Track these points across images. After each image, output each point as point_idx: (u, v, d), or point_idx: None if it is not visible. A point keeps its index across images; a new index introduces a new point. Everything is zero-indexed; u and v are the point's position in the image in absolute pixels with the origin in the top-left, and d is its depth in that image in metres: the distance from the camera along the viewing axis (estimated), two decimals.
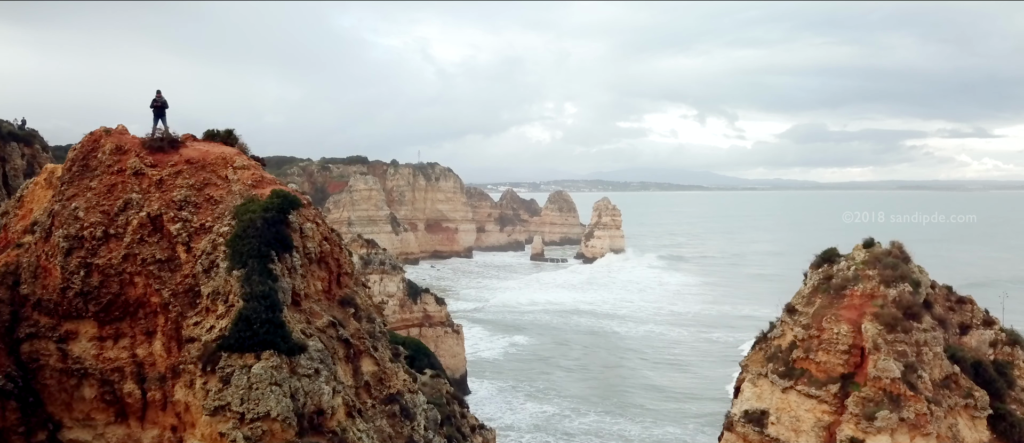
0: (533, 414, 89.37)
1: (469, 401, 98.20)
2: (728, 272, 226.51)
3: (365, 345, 25.59)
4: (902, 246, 35.95)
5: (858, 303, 33.43)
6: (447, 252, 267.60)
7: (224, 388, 20.74)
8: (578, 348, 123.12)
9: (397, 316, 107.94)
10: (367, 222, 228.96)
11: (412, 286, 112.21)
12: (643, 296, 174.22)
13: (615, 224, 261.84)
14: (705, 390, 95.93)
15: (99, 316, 24.24)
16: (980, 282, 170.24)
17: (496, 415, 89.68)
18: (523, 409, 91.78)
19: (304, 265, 24.44)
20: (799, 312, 35.47)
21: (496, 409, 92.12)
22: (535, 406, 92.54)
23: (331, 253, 26.09)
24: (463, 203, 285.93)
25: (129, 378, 24.01)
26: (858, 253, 36.38)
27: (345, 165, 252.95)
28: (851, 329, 32.63)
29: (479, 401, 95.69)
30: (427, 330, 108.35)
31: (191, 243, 24.20)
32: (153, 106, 28.26)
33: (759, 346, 37.38)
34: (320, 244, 25.43)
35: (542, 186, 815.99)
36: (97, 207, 25.05)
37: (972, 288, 44.84)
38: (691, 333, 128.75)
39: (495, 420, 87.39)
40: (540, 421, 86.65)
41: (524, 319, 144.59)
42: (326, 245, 25.80)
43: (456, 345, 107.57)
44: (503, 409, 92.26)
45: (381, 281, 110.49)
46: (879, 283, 33.72)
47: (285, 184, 27.55)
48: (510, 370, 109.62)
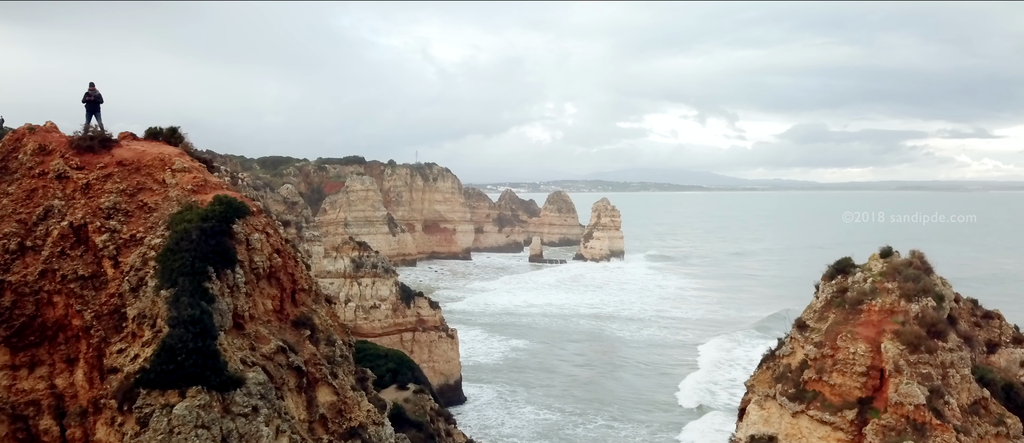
0: (535, 421, 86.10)
1: (465, 409, 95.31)
2: (729, 274, 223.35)
3: (322, 372, 22.44)
4: (923, 255, 32.73)
5: (876, 319, 30.23)
6: (445, 253, 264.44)
7: (141, 432, 17.58)
8: (580, 351, 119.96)
9: (390, 321, 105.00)
10: (364, 223, 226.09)
11: (405, 290, 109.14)
12: (644, 298, 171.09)
13: (614, 225, 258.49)
14: (710, 398, 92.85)
15: (11, 341, 21.08)
16: (984, 279, 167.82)
17: (495, 422, 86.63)
18: (524, 416, 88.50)
19: (249, 282, 21.25)
20: (810, 328, 32.25)
21: (496, 416, 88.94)
22: (537, 412, 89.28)
23: (284, 267, 22.90)
24: (461, 204, 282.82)
25: (46, 413, 20.84)
26: (875, 263, 33.16)
27: (342, 165, 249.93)
28: (869, 348, 29.43)
29: (478, 407, 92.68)
30: (421, 335, 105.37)
31: (119, 257, 21.03)
32: (85, 101, 25.11)
33: (766, 364, 34.19)
34: (270, 257, 22.22)
35: (542, 186, 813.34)
36: (13, 215, 21.91)
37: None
38: (694, 337, 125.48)
39: (494, 428, 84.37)
40: (543, 429, 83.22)
41: (523, 322, 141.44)
42: (278, 258, 22.58)
43: (450, 350, 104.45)
44: (503, 416, 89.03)
45: (373, 285, 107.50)
46: (899, 297, 30.52)
47: (236, 189, 24.34)
48: (509, 374, 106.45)
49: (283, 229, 24.20)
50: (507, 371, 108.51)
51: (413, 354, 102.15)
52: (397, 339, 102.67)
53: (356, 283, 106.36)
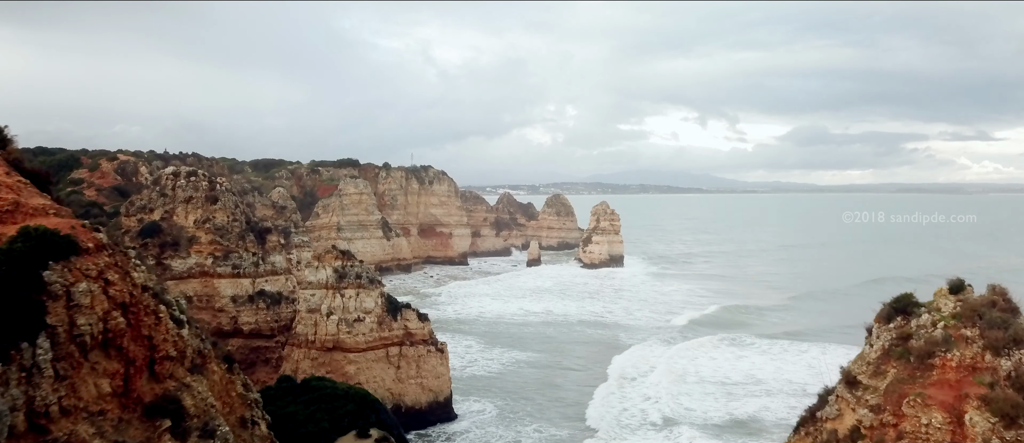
0: (538, 439, 79.17)
1: (457, 426, 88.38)
2: (731, 280, 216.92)
3: None
4: (1006, 292, 25.59)
5: (954, 379, 23.19)
6: (441, 258, 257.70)
7: None
8: (581, 361, 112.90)
9: (375, 335, 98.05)
10: (357, 227, 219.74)
11: (391, 301, 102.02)
12: (646, 305, 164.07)
13: (614, 229, 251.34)
14: (720, 412, 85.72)
15: None
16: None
17: (494, 439, 79.71)
18: (524, 432, 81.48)
19: (66, 358, 14.31)
20: (864, 386, 25.15)
21: (492, 435, 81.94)
22: (538, 429, 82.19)
23: (135, 329, 15.96)
24: (458, 207, 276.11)
25: None
26: (943, 301, 26.01)
27: (335, 168, 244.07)
28: (947, 418, 22.41)
29: (477, 425, 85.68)
30: (408, 349, 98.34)
31: None
32: None
33: (805, 429, 27.10)
34: (107, 317, 15.24)
35: (541, 188, 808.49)
36: None
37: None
38: (698, 347, 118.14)
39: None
40: None
41: (521, 331, 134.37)
42: (120, 318, 15.60)
43: (440, 365, 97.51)
44: (500, 434, 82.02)
45: (357, 296, 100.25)
46: (983, 349, 23.49)
47: (70, 215, 17.18)
48: (507, 388, 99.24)
49: (142, 272, 17.11)
50: (505, 383, 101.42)
51: (400, 370, 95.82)
52: (383, 354, 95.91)
53: (339, 294, 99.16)
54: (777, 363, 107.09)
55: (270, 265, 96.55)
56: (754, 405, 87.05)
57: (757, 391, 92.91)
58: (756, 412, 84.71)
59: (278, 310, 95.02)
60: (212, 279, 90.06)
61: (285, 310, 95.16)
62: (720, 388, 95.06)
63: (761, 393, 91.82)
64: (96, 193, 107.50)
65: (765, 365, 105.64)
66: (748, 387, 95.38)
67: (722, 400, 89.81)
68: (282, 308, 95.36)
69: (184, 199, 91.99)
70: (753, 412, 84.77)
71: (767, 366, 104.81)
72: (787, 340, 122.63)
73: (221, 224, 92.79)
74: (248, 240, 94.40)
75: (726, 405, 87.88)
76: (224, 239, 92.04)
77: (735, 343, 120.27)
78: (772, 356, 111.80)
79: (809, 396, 72.95)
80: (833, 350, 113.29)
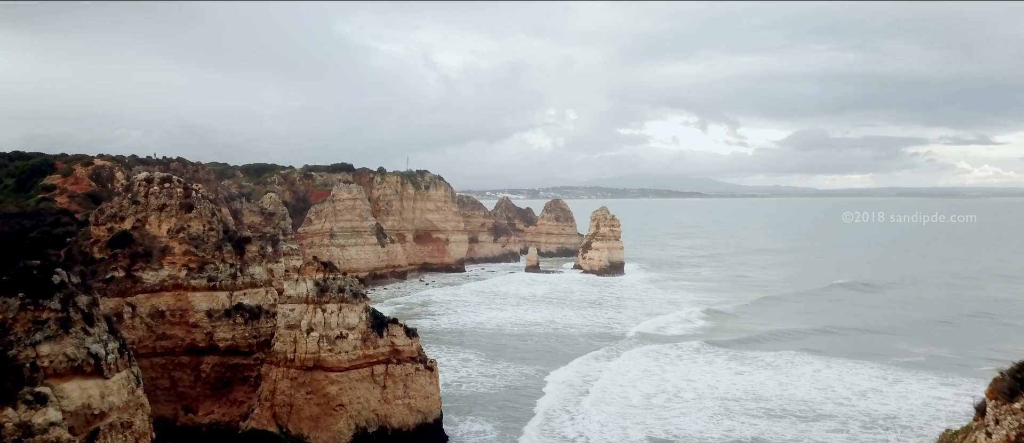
0: None
1: None
2: (733, 286, 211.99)
3: None
4: None
5: None
6: (437, 265, 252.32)
7: None
8: (581, 376, 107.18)
9: (359, 353, 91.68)
10: (351, 234, 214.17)
11: (377, 316, 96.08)
12: (648, 314, 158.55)
13: (614, 235, 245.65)
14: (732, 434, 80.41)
15: None
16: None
17: None
18: None
19: None
20: None
21: None
22: None
23: None
24: (455, 212, 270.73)
25: None
26: None
27: (329, 173, 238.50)
28: None
29: None
30: (394, 367, 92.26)
31: None
32: None
33: None
34: None
35: (541, 192, 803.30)
36: None
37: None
38: (705, 360, 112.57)
39: None
40: None
41: (525, 343, 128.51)
42: None
43: (429, 384, 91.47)
44: None
45: (340, 311, 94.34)
46: None
47: None
48: (504, 405, 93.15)
49: None
50: (502, 400, 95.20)
51: (386, 389, 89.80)
52: (367, 373, 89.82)
53: (320, 309, 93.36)
54: (780, 377, 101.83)
55: (249, 277, 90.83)
56: (757, 428, 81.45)
57: (757, 411, 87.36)
58: (760, 434, 79.36)
59: (257, 325, 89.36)
60: (186, 292, 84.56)
61: (265, 325, 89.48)
62: (719, 404, 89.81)
63: (762, 414, 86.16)
64: (69, 200, 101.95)
65: (766, 380, 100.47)
66: (746, 404, 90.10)
67: (719, 417, 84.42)
68: (262, 323, 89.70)
69: (157, 207, 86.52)
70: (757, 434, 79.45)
71: (768, 382, 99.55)
72: (791, 352, 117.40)
73: (196, 233, 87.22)
74: (225, 250, 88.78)
75: (720, 424, 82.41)
76: (199, 250, 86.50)
77: (735, 358, 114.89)
78: (776, 369, 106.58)
79: (820, 418, 66.62)
80: (838, 364, 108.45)
